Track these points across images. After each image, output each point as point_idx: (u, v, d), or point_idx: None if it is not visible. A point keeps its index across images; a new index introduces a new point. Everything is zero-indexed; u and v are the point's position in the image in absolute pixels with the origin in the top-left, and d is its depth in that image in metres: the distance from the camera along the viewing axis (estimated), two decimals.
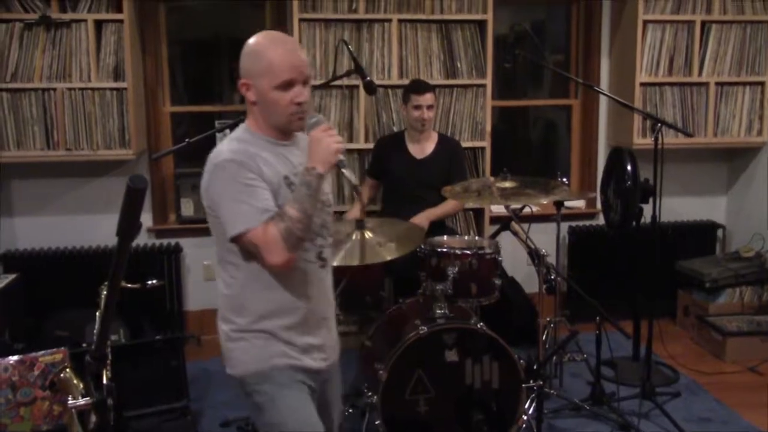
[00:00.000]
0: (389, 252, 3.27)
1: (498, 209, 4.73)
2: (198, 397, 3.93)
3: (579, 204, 5.27)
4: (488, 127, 4.71)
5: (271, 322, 2.15)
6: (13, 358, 3.32)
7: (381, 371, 3.09)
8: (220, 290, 2.21)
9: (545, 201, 3.68)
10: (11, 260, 4.51)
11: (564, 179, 3.84)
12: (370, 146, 4.47)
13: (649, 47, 4.83)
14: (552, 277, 3.61)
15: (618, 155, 4.11)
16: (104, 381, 1.53)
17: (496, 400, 3.19)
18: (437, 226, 4.01)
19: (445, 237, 3.78)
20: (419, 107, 4.02)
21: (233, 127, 3.37)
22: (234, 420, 3.64)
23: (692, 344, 4.78)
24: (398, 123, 4.61)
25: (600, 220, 4.99)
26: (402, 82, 4.42)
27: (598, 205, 4.68)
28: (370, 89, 3.62)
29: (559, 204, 4.09)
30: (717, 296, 4.75)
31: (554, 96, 5.57)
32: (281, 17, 4.75)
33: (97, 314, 2.86)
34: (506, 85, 5.38)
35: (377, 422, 3.11)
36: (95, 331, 2.52)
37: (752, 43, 4.90)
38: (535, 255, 3.58)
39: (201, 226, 4.72)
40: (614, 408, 3.72)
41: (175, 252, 4.75)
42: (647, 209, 3.93)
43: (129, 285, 3.52)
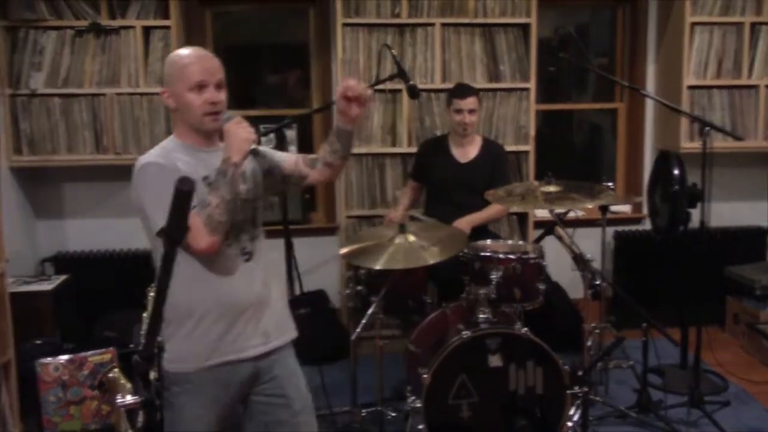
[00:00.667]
0: (432, 256, 3.27)
1: (542, 213, 4.69)
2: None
3: (625, 209, 5.20)
4: (532, 131, 4.68)
5: (198, 315, 2.25)
6: (64, 358, 3.40)
7: (424, 375, 3.08)
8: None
9: (590, 205, 3.63)
10: (62, 262, 4.61)
11: (609, 183, 3.79)
12: (413, 150, 4.47)
13: (697, 50, 4.76)
14: (597, 283, 3.56)
15: (665, 159, 4.05)
16: (152, 380, 1.55)
17: (540, 406, 3.16)
18: (480, 231, 3.99)
19: (489, 241, 3.76)
20: (460, 111, 4.01)
21: (277, 131, 3.42)
22: None
23: (742, 352, 4.68)
24: (441, 127, 4.61)
25: (646, 225, 4.93)
26: (445, 86, 4.42)
27: (645, 210, 4.62)
28: (414, 93, 3.61)
29: (605, 208, 4.04)
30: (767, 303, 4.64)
31: (599, 100, 5.51)
32: (325, 22, 4.79)
33: (144, 315, 2.90)
34: (550, 89, 5.33)
35: (420, 426, 3.10)
36: (143, 332, 2.57)
37: None
38: (580, 260, 3.55)
39: None
40: (661, 416, 3.66)
41: None
42: (695, 214, 3.86)
43: None
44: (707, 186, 3.76)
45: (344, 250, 3.49)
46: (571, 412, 3.30)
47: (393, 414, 3.66)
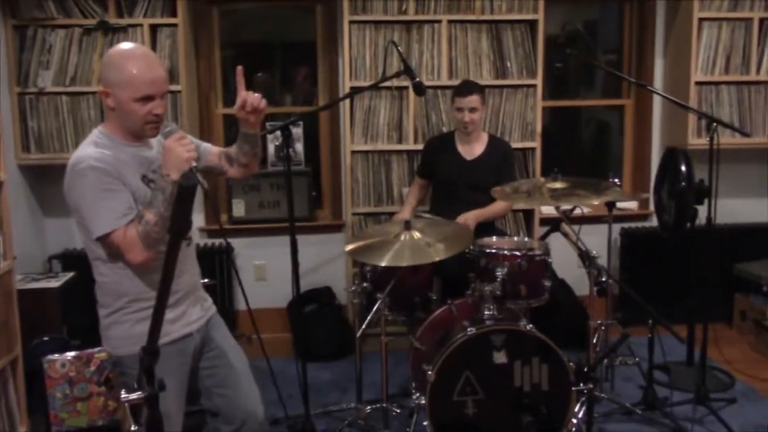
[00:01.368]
0: (438, 253, 3.27)
1: (548, 210, 4.69)
2: None
3: (632, 205, 5.18)
4: (538, 128, 4.67)
5: (144, 302, 2.33)
6: (71, 354, 3.41)
7: (429, 372, 3.08)
8: (95, 278, 2.42)
9: (596, 202, 3.62)
10: (70, 259, 4.63)
11: (616, 180, 3.79)
12: (419, 147, 4.47)
13: (705, 46, 4.74)
14: (603, 280, 3.56)
15: (672, 155, 4.04)
16: (156, 376, 1.56)
17: (546, 403, 3.16)
18: (486, 227, 3.99)
19: (495, 238, 3.76)
20: (461, 110, 4.00)
21: (284, 129, 3.42)
22: (283, 418, 3.68)
23: (749, 349, 4.66)
24: (447, 124, 4.61)
25: (653, 222, 4.91)
26: (451, 83, 4.41)
27: (652, 207, 4.60)
28: (420, 90, 3.62)
29: (611, 205, 4.04)
30: None
31: (606, 96, 5.49)
32: (332, 20, 4.79)
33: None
34: (557, 86, 5.32)
35: (425, 423, 3.11)
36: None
37: None
38: (586, 257, 3.54)
39: (252, 227, 4.80)
40: (667, 413, 3.65)
41: (227, 252, 4.82)
42: (702, 210, 3.85)
43: None
44: (714, 182, 3.75)
45: (350, 247, 3.50)
46: (577, 409, 3.30)
47: (398, 410, 3.67)
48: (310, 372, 3.62)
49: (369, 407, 3.67)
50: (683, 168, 3.90)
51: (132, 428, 1.60)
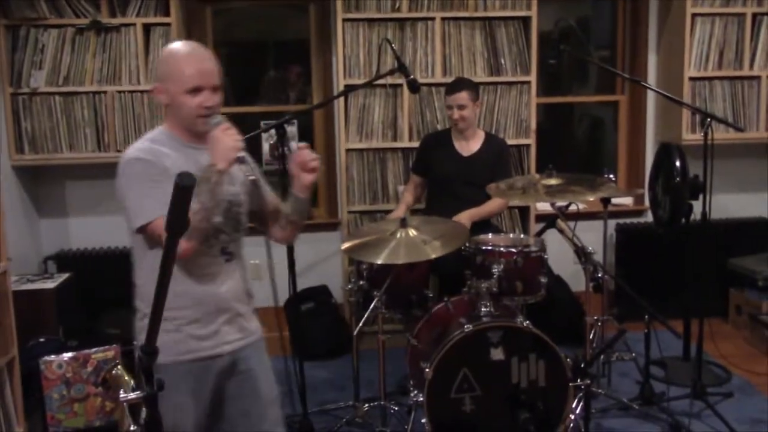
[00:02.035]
0: (434, 250, 3.27)
1: (544, 207, 4.69)
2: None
3: (627, 201, 5.19)
4: (533, 125, 4.68)
5: (174, 312, 2.25)
6: (67, 355, 3.40)
7: (426, 369, 3.08)
8: (134, 282, 2.40)
9: (591, 198, 3.63)
10: (65, 260, 4.62)
11: (611, 176, 3.79)
12: (414, 145, 4.47)
13: (698, 41, 4.75)
14: (599, 275, 3.56)
15: (666, 151, 4.04)
16: (155, 375, 1.56)
17: (543, 399, 3.16)
18: (482, 225, 3.99)
19: (491, 235, 3.76)
20: (450, 107, 4.03)
21: (278, 127, 3.41)
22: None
23: (745, 344, 4.68)
24: (442, 121, 4.60)
25: (648, 218, 4.92)
26: (445, 80, 4.40)
27: (647, 202, 4.61)
28: (414, 88, 3.62)
29: (606, 201, 4.04)
30: None
31: (600, 92, 5.49)
32: (325, 18, 4.79)
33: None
34: (552, 82, 5.32)
35: (423, 420, 3.11)
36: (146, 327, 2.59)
37: None
38: (582, 253, 3.55)
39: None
40: (664, 408, 3.66)
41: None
42: (697, 206, 3.86)
43: None
44: (709, 178, 3.76)
45: (346, 245, 3.49)
46: (574, 405, 3.30)
47: (396, 408, 3.67)
48: (308, 370, 3.62)
49: (367, 405, 3.67)
50: (677, 163, 3.90)
51: (131, 428, 1.59)
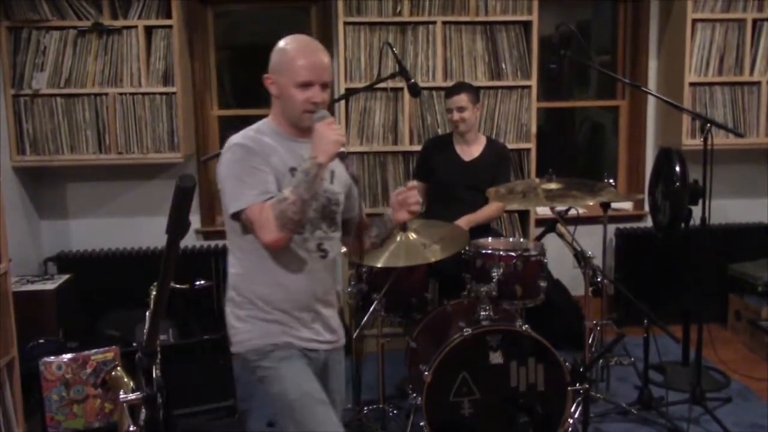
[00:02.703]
0: (434, 254, 3.27)
1: (543, 211, 4.69)
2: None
3: (626, 206, 5.20)
4: (533, 129, 4.68)
5: (270, 306, 2.28)
6: (67, 357, 3.41)
7: (425, 373, 3.09)
8: (228, 270, 2.36)
9: (591, 202, 3.64)
10: (65, 261, 4.63)
11: (611, 181, 3.80)
12: (415, 148, 4.48)
13: (699, 46, 4.75)
14: (598, 280, 3.57)
15: (666, 156, 4.05)
16: (155, 376, 1.56)
17: (542, 403, 3.17)
18: (482, 229, 3.99)
19: (490, 239, 3.77)
20: (450, 110, 4.06)
21: None
22: None
23: (744, 349, 4.68)
24: (443, 125, 4.61)
25: (648, 222, 4.92)
26: (446, 84, 4.41)
27: (646, 207, 4.62)
28: (415, 91, 3.63)
29: (606, 206, 4.05)
30: None
31: (601, 97, 5.50)
32: (326, 21, 4.79)
33: (147, 312, 2.91)
34: (552, 87, 5.33)
35: (422, 423, 3.12)
36: (146, 327, 2.59)
37: None
38: (581, 257, 3.55)
39: None
40: (663, 413, 3.66)
41: (223, 253, 4.81)
42: (696, 211, 3.86)
43: (178, 286, 3.59)
44: (708, 183, 3.76)
45: (346, 248, 3.49)
46: (572, 409, 3.30)
47: (395, 411, 3.67)
48: None
49: (366, 408, 3.67)
50: (677, 168, 3.91)
51: (130, 428, 1.60)
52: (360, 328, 3.49)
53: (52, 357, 3.40)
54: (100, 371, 3.37)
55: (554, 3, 5.05)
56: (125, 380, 2.64)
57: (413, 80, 3.59)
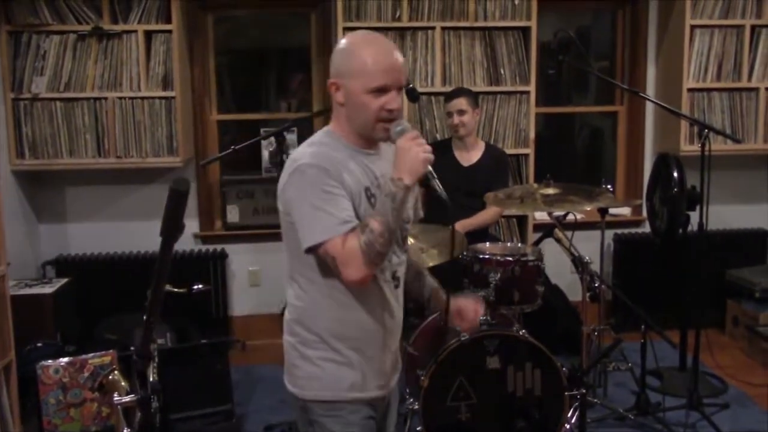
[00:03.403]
0: (432, 258, 3.28)
1: (542, 216, 4.70)
2: (242, 401, 3.98)
3: (624, 211, 5.20)
4: (532, 134, 4.69)
5: (340, 343, 2.01)
6: (64, 360, 3.41)
7: (422, 377, 3.08)
8: (290, 301, 2.07)
9: (589, 208, 3.64)
10: (63, 265, 4.63)
11: (609, 186, 3.81)
12: None
13: (697, 53, 4.76)
14: (596, 285, 3.57)
15: (664, 162, 4.06)
16: (150, 379, 1.56)
17: (539, 408, 3.17)
18: (480, 233, 4.00)
19: (488, 244, 3.77)
20: (450, 114, 4.09)
21: (277, 135, 3.43)
22: (277, 424, 3.68)
23: (742, 355, 4.68)
24: (442, 130, 4.62)
25: (646, 228, 4.92)
26: (445, 89, 4.43)
27: (644, 213, 4.62)
28: (413, 96, 3.63)
29: (604, 211, 4.05)
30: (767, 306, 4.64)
31: (600, 103, 5.51)
32: (326, 26, 4.81)
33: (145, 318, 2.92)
34: (551, 92, 5.34)
35: (419, 428, 3.11)
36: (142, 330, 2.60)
37: None
38: (579, 262, 3.55)
39: (247, 233, 4.80)
40: (660, 418, 3.66)
41: (221, 258, 4.82)
42: (694, 217, 3.87)
43: (176, 290, 3.60)
44: (706, 189, 3.77)
45: None
46: (569, 414, 3.30)
47: None
48: None
49: None
50: (675, 174, 3.92)
51: (125, 431, 1.60)
52: None
53: (50, 361, 3.41)
54: (98, 375, 3.37)
55: (553, 9, 5.06)
56: (122, 384, 2.63)
57: (411, 85, 3.60)
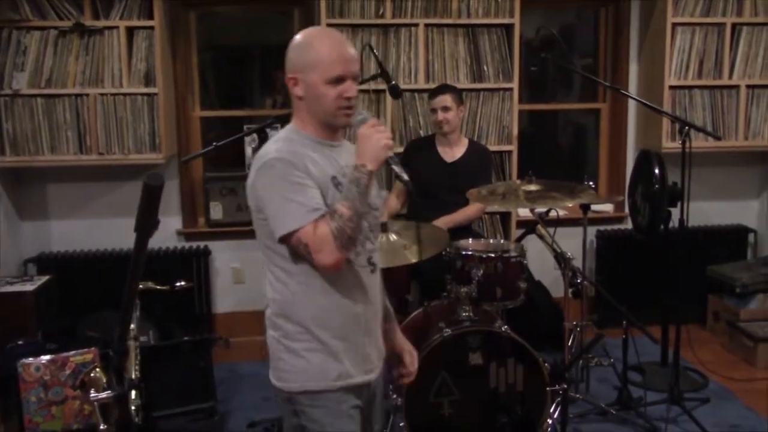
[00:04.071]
0: (414, 255, 3.28)
1: (525, 213, 4.72)
2: (225, 399, 3.97)
3: (607, 208, 5.23)
4: (515, 131, 4.70)
5: (323, 331, 2.05)
6: (45, 358, 3.39)
7: None
8: (269, 296, 2.11)
9: (570, 204, 3.66)
10: (45, 262, 4.60)
11: (591, 183, 3.82)
12: (397, 150, 4.48)
13: (679, 50, 4.79)
14: (578, 281, 3.59)
15: (646, 158, 4.08)
16: (131, 375, 1.56)
17: (521, 404, 3.18)
18: (463, 230, 4.01)
19: (471, 240, 3.78)
20: (434, 110, 4.09)
21: (260, 132, 3.41)
22: (260, 421, 3.68)
23: (723, 350, 4.71)
24: (425, 127, 4.62)
25: (628, 224, 4.95)
26: (429, 86, 4.43)
27: (627, 209, 4.65)
28: (395, 93, 3.65)
29: (586, 207, 4.07)
30: (748, 302, 4.68)
31: (583, 100, 5.54)
32: (309, 23, 4.79)
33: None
34: (535, 89, 5.36)
35: (401, 424, 3.12)
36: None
37: None
38: (561, 258, 3.57)
39: (230, 230, 4.79)
40: (641, 413, 3.69)
41: (204, 255, 4.81)
42: (675, 213, 3.90)
43: (158, 287, 3.58)
44: (687, 185, 3.80)
45: None
46: (552, 409, 3.32)
47: None
48: None
49: None
50: (656, 170, 3.94)
51: (101, 427, 1.59)
52: None
53: (31, 358, 3.38)
54: (79, 373, 3.35)
55: (537, 7, 5.08)
56: (104, 381, 2.63)
57: (394, 82, 3.61)
